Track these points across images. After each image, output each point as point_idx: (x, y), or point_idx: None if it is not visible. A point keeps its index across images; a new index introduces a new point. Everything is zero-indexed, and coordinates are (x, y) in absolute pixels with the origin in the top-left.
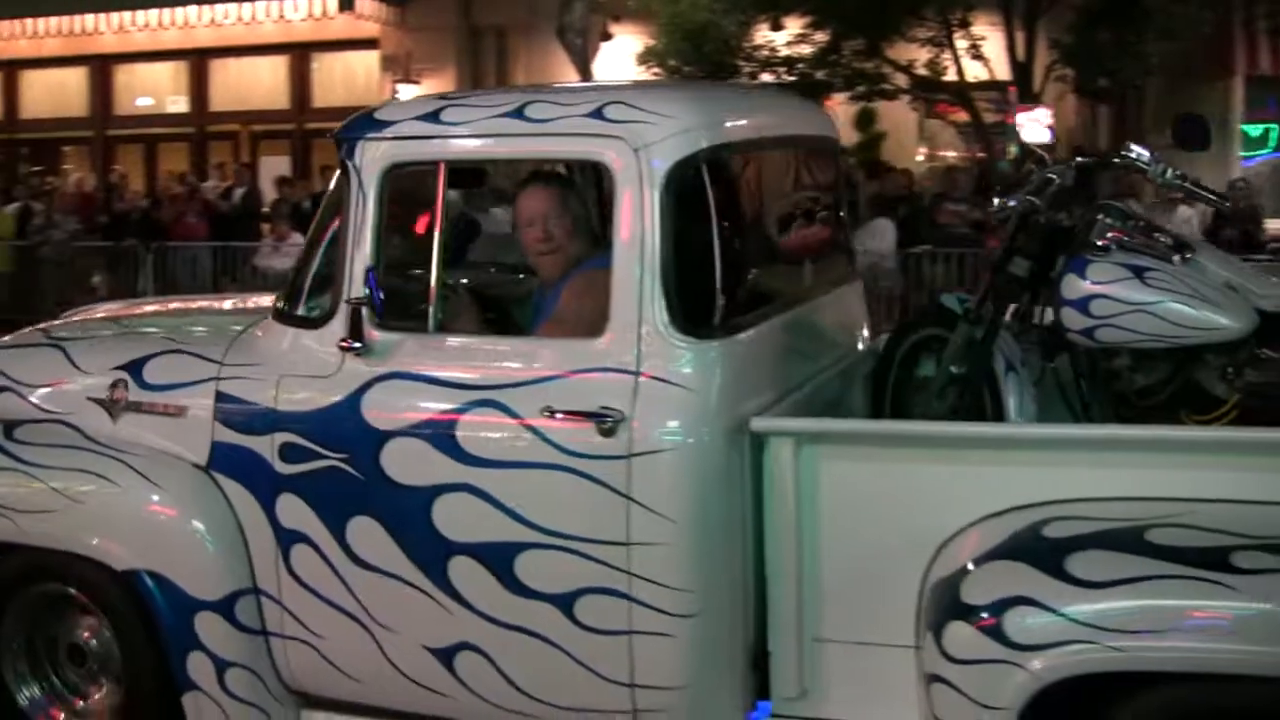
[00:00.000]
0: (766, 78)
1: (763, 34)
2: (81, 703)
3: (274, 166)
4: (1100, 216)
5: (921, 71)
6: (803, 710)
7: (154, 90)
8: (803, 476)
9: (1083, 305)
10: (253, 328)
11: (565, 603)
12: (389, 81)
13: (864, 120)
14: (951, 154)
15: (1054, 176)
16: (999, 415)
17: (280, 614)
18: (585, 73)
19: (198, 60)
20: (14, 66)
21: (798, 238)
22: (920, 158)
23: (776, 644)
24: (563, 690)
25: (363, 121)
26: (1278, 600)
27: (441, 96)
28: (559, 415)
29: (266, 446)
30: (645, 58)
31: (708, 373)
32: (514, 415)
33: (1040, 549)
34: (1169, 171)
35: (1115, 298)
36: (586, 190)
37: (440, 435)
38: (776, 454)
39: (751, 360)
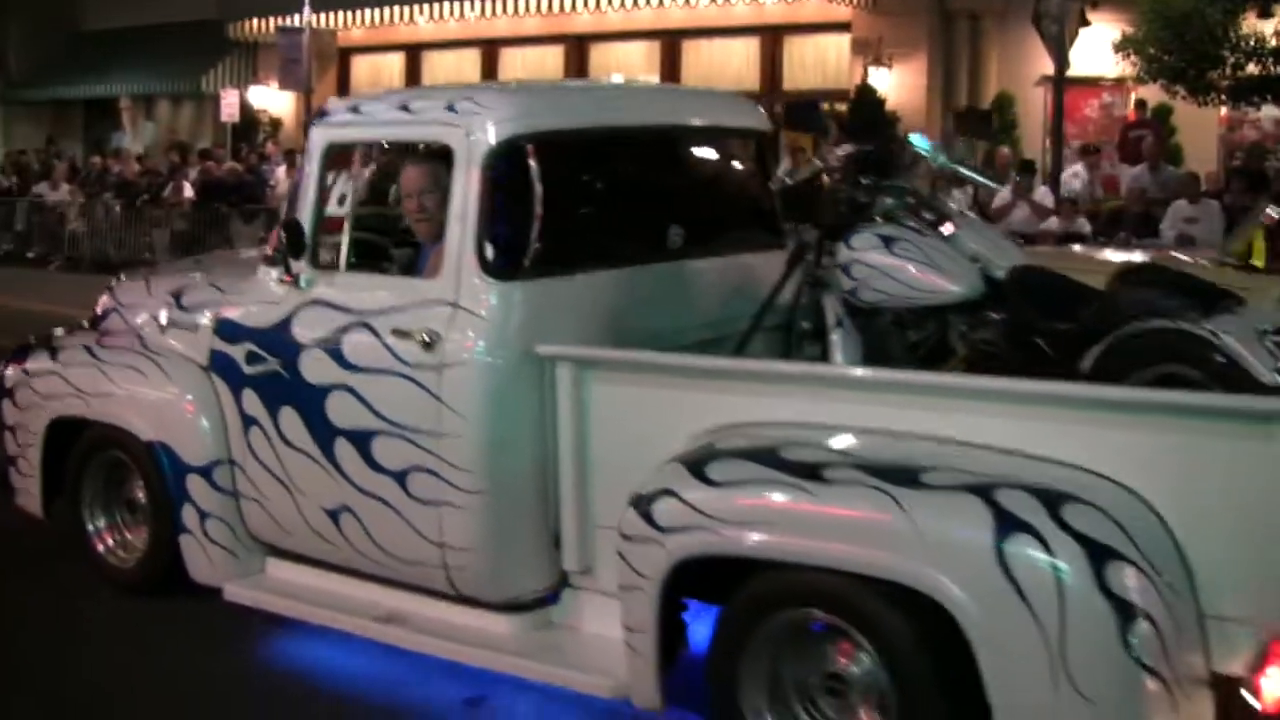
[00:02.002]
0: (1252, 69)
1: (1251, 23)
2: (128, 534)
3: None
4: (882, 195)
5: None
6: (587, 584)
7: (627, 69)
8: (580, 394)
9: (846, 269)
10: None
11: (402, 478)
12: (859, 65)
13: None
14: None
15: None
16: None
17: (243, 479)
18: (1062, 61)
19: (670, 40)
20: (494, 45)
21: (663, 209)
22: None
23: (563, 527)
24: (402, 546)
25: (318, 113)
26: (846, 506)
27: (365, 95)
28: (400, 334)
29: (239, 353)
30: (1123, 46)
31: (508, 308)
32: (376, 334)
33: (699, 456)
34: (941, 157)
35: (867, 263)
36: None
37: (333, 348)
38: (559, 375)
39: (565, 301)
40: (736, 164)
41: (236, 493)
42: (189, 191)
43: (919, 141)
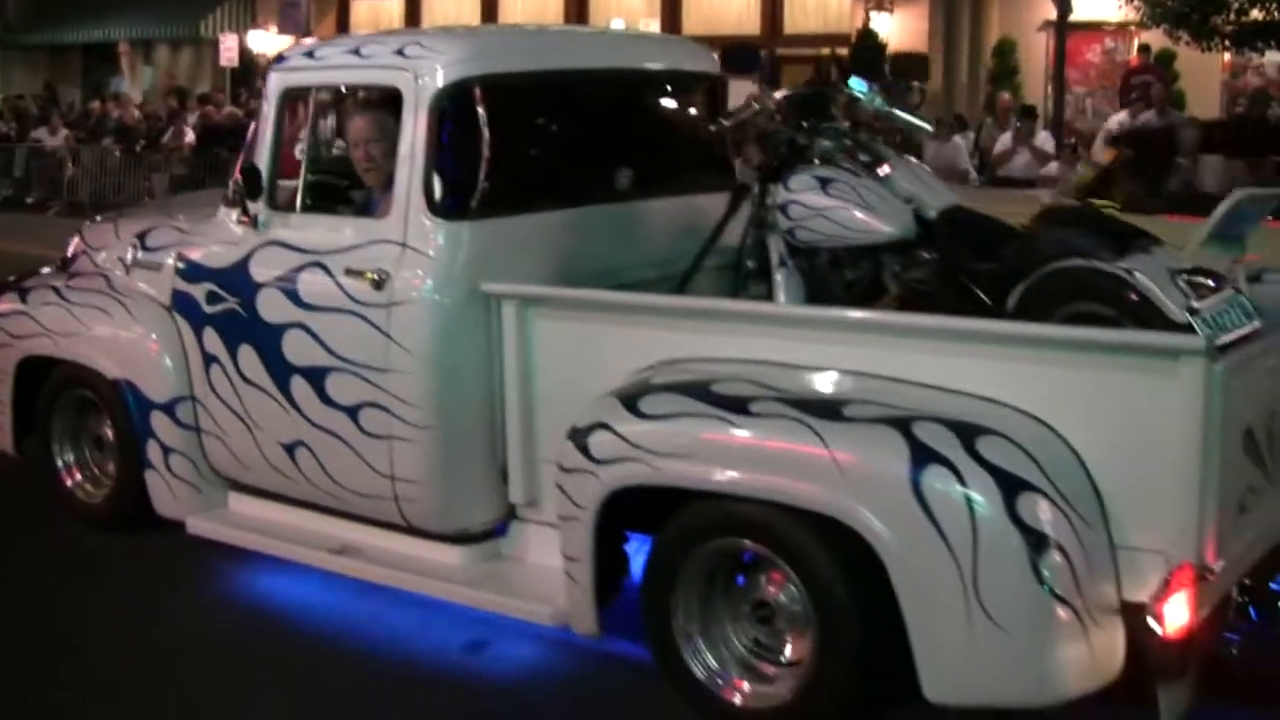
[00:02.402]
0: (1255, 14)
1: None
2: (95, 470)
3: (742, 90)
4: (820, 137)
5: None
6: (533, 516)
7: (628, 13)
8: (524, 331)
9: (784, 210)
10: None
11: (353, 413)
12: (861, 10)
13: None
14: None
15: (784, 101)
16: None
17: (205, 415)
18: (1064, 6)
19: None
20: None
21: (612, 151)
22: None
23: (509, 461)
24: (354, 479)
25: (276, 57)
26: (770, 438)
27: (321, 41)
28: (352, 273)
29: (200, 293)
30: None
31: (455, 248)
32: (329, 274)
33: (634, 391)
34: (877, 100)
35: (804, 204)
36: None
37: (288, 287)
38: (504, 313)
39: (512, 241)
40: (686, 107)
41: (198, 429)
42: (189, 136)
43: (856, 85)
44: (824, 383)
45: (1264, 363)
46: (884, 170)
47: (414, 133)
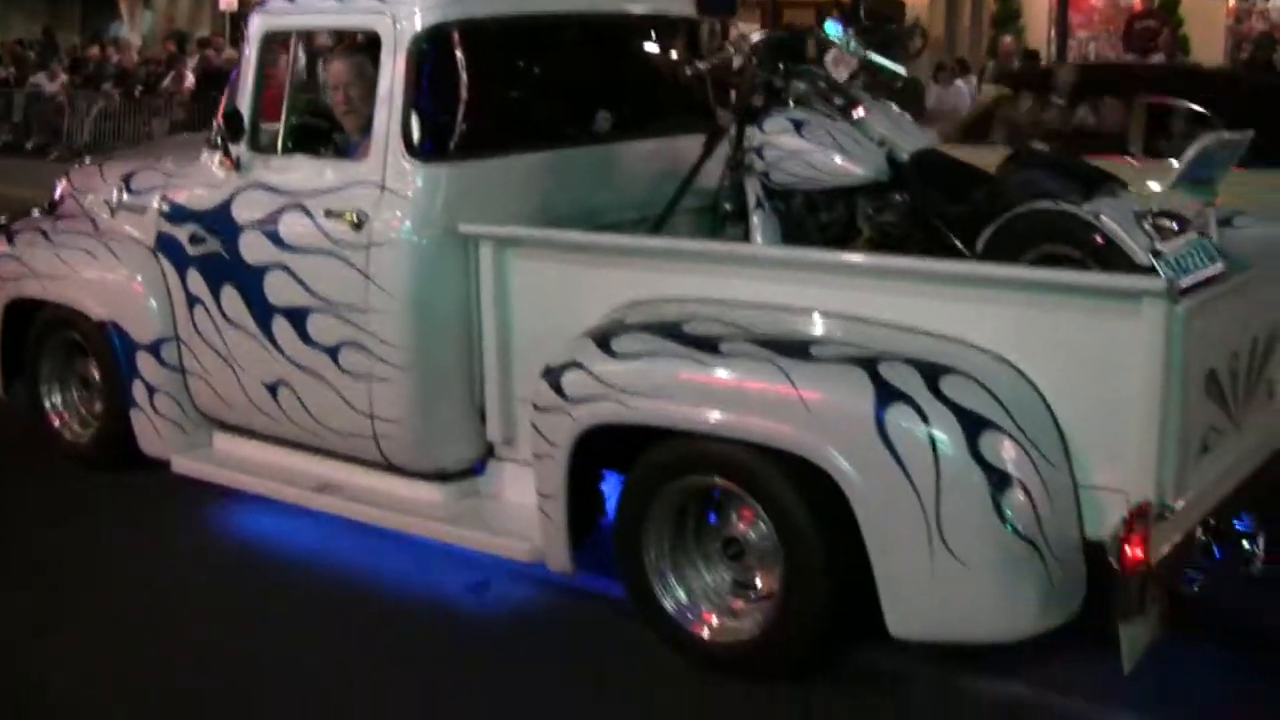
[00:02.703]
0: None
1: None
2: (82, 411)
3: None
4: (796, 80)
5: None
6: (510, 454)
7: None
8: (501, 272)
9: (759, 152)
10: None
11: (334, 352)
12: None
13: None
14: None
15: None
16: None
17: (189, 355)
18: None
19: None
20: None
21: (592, 94)
22: None
23: (487, 400)
24: (335, 418)
25: (259, 1)
26: (738, 376)
27: None
28: (332, 215)
29: (183, 234)
30: None
31: (434, 189)
32: (310, 215)
33: (606, 330)
34: (853, 43)
35: (778, 146)
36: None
37: (270, 228)
38: (481, 254)
39: (490, 183)
40: (665, 50)
41: (183, 369)
42: (188, 81)
43: (831, 28)
44: (793, 323)
45: (1227, 305)
46: (858, 113)
47: (393, 76)
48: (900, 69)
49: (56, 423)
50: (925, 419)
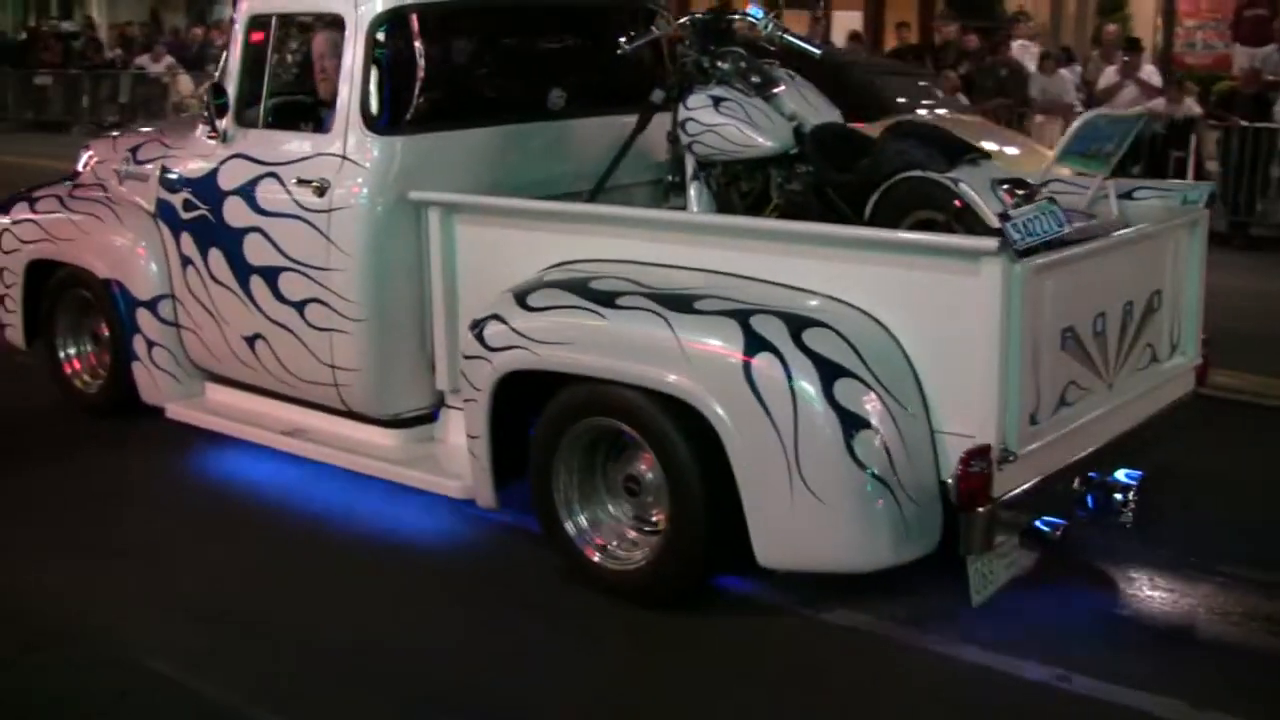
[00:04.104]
0: None
1: None
2: (93, 362)
3: (848, 22)
4: (720, 60)
5: None
6: (456, 402)
7: None
8: (446, 235)
9: (684, 126)
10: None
11: (301, 308)
12: None
13: None
14: None
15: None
16: None
17: (182, 311)
18: None
19: None
20: None
21: (541, 73)
22: None
23: (435, 351)
24: (302, 368)
25: None
26: (630, 327)
27: None
28: (301, 183)
29: (178, 201)
30: None
31: (389, 159)
32: (282, 183)
33: (526, 288)
34: (771, 26)
35: (699, 120)
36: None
37: (249, 195)
38: (429, 218)
39: (443, 154)
40: (607, 32)
41: (177, 324)
42: None
43: (753, 11)
44: (684, 280)
45: (1081, 267)
46: (777, 90)
47: (354, 55)
48: (814, 49)
49: (70, 373)
50: (787, 367)
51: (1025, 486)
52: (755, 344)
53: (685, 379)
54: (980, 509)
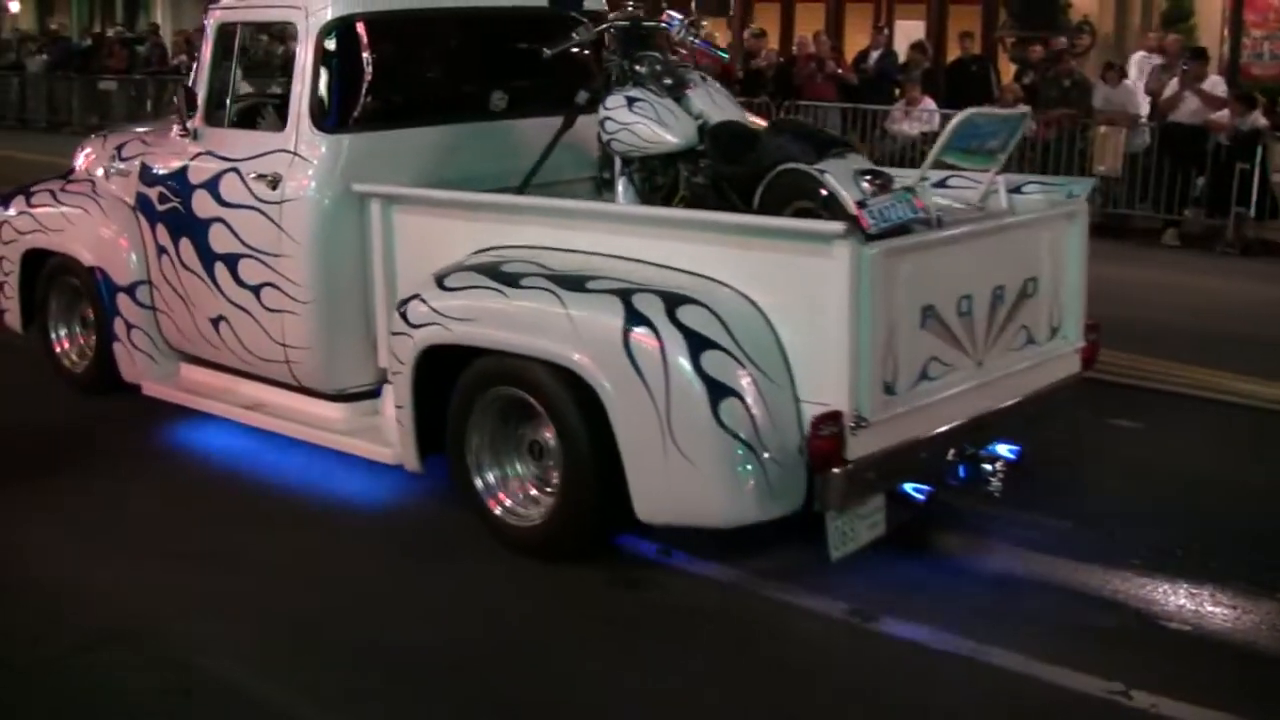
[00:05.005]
0: None
1: None
2: (81, 344)
3: (911, 31)
4: (638, 64)
5: None
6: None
7: None
8: (386, 223)
9: (603, 125)
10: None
11: (257, 291)
12: None
13: None
14: None
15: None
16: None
17: (157, 296)
18: None
19: None
20: None
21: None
22: None
23: (377, 331)
24: (259, 346)
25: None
26: (528, 304)
27: None
28: (258, 177)
29: (154, 194)
30: None
31: (335, 156)
32: (242, 178)
33: (446, 271)
34: (684, 33)
35: (614, 119)
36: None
37: (214, 188)
38: (371, 209)
39: (386, 151)
40: (544, 40)
41: (154, 308)
42: None
43: (672, 19)
44: (582, 263)
45: (940, 251)
46: (688, 91)
47: (303, 60)
48: (723, 53)
49: (59, 353)
50: (661, 340)
51: (881, 451)
52: (634, 319)
53: (574, 351)
54: (835, 470)
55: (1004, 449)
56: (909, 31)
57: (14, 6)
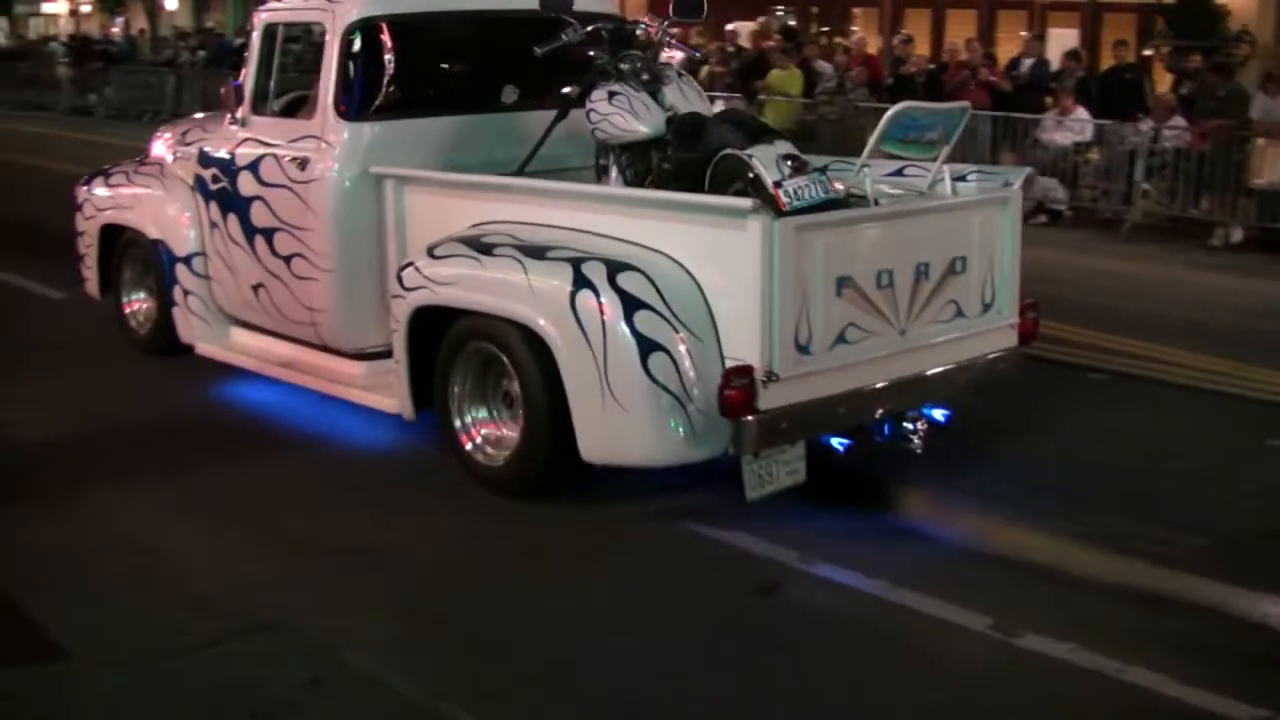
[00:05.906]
0: None
1: None
2: (146, 307)
3: (1064, 40)
4: (621, 62)
5: None
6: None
7: None
8: (399, 202)
9: (588, 116)
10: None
11: (288, 261)
12: None
13: None
14: None
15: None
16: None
17: (210, 266)
18: None
19: None
20: None
21: (494, 73)
22: None
23: (386, 297)
24: (290, 310)
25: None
26: (496, 270)
27: None
28: (292, 160)
29: (208, 175)
30: None
31: (357, 141)
32: (279, 160)
33: (439, 242)
34: (661, 34)
35: (596, 111)
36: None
37: (255, 170)
38: (386, 188)
39: (403, 139)
40: (542, 39)
41: (207, 276)
42: None
43: (653, 21)
44: (550, 235)
45: (857, 226)
46: (663, 86)
47: (330, 56)
48: (694, 52)
49: (128, 313)
50: (600, 300)
51: (796, 404)
52: (580, 283)
53: (531, 310)
54: (747, 418)
55: (940, 413)
56: (1060, 40)
57: (171, 4)
